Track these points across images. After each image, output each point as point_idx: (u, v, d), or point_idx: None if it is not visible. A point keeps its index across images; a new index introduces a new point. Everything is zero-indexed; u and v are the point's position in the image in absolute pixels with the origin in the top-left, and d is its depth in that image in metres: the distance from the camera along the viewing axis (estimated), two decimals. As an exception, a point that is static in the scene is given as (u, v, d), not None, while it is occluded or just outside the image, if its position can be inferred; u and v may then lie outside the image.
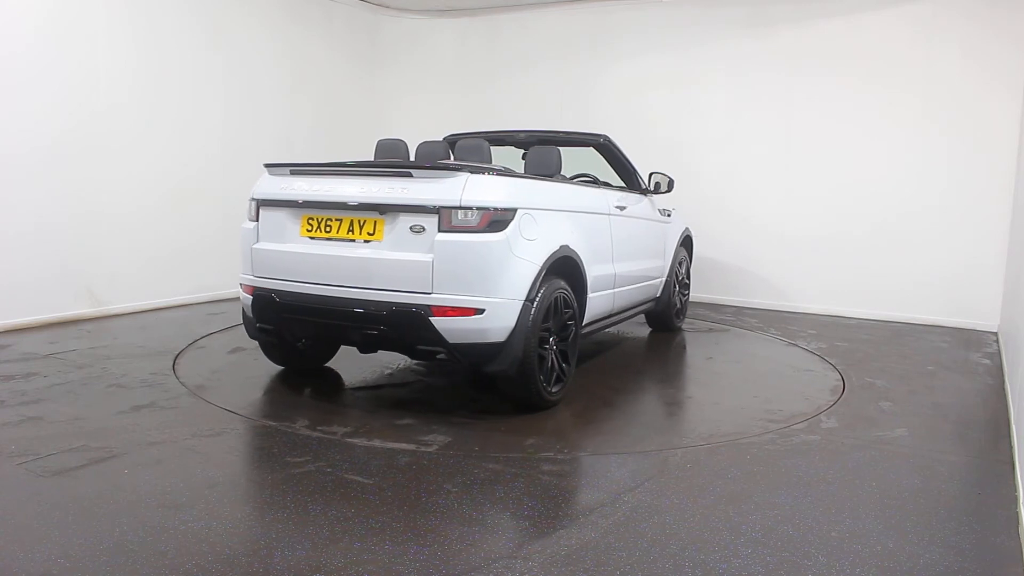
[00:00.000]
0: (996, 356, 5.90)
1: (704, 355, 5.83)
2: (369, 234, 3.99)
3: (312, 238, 4.17)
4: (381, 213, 3.96)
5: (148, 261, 6.71)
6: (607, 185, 5.71)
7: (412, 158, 5.28)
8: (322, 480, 3.18)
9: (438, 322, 3.79)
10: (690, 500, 3.08)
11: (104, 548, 2.54)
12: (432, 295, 3.79)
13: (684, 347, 6.12)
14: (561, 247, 4.22)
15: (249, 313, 4.41)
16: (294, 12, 8.04)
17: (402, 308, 3.82)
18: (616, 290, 5.07)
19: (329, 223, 4.12)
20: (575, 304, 4.35)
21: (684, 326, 6.78)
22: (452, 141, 6.11)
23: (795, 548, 2.69)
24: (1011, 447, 3.79)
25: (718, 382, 5.07)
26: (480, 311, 3.78)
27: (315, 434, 3.73)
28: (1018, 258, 5.24)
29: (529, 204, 4.07)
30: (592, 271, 4.62)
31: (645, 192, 5.87)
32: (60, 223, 6.04)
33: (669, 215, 6.33)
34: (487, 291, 3.80)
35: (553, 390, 4.20)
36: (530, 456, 3.52)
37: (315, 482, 3.15)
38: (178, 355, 5.18)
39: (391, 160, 4.76)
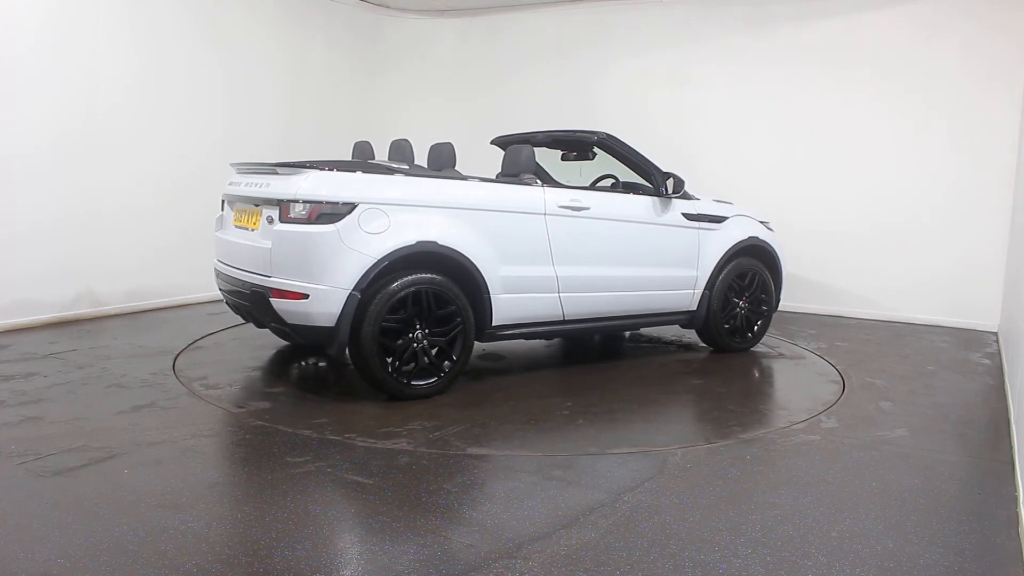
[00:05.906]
0: (996, 356, 5.89)
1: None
2: (254, 224, 4.45)
3: (236, 227, 4.71)
4: (256, 206, 4.44)
5: (148, 261, 6.70)
6: (634, 188, 5.56)
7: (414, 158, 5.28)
8: (322, 480, 3.18)
9: (276, 303, 4.19)
10: (690, 500, 3.08)
11: (104, 548, 2.55)
12: (271, 279, 4.21)
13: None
14: (420, 242, 4.26)
15: None
16: (294, 13, 8.03)
17: (256, 289, 4.30)
18: (566, 295, 4.91)
19: (241, 214, 4.65)
20: (462, 301, 4.41)
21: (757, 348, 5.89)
22: (502, 143, 6.15)
23: (795, 548, 2.69)
24: (1011, 447, 3.79)
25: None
26: (305, 296, 4.12)
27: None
28: (1018, 258, 5.24)
29: (378, 200, 4.25)
30: (503, 271, 4.58)
31: (660, 193, 5.41)
32: (60, 223, 6.04)
33: (719, 220, 5.66)
34: (312, 278, 4.11)
35: (417, 383, 4.31)
36: (526, 456, 3.52)
37: (315, 482, 3.16)
38: (178, 355, 5.18)
39: (282, 161, 4.82)
